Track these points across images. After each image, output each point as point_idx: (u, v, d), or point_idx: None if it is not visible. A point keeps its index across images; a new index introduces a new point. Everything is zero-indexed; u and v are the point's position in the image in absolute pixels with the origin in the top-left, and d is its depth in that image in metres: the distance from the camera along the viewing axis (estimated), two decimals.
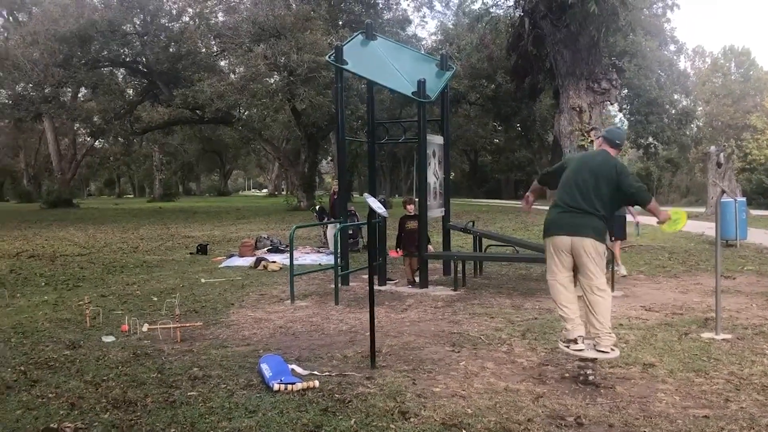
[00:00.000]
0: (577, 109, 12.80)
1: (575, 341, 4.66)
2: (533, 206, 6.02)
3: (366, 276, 9.80)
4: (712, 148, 19.37)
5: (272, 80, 28.35)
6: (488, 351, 5.55)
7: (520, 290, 8.70)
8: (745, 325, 6.34)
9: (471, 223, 10.62)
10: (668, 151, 49.87)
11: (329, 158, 57.15)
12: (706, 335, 5.90)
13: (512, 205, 33.11)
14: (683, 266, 10.96)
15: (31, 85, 30.05)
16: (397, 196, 55.52)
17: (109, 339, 6.21)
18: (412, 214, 9.58)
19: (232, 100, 27.06)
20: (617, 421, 3.87)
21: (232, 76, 29.68)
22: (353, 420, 3.91)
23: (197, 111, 30.86)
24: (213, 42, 29.61)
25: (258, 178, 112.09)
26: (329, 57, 9.16)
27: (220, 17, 31.59)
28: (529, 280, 9.65)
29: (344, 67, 8.96)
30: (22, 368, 5.24)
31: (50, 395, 4.56)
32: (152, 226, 22.47)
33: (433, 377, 4.86)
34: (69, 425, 3.97)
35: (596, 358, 4.65)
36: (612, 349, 4.64)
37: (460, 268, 9.01)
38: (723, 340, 5.71)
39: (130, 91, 35.95)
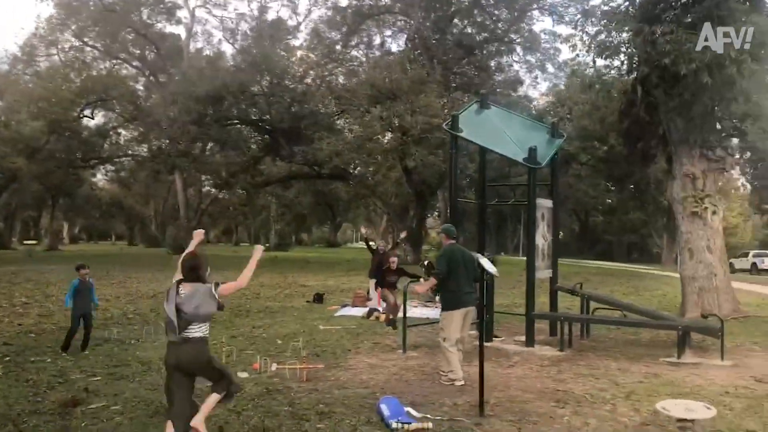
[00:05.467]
0: (691, 176, 12.67)
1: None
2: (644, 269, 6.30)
3: (474, 332, 10.21)
4: None
5: (386, 139, 29.64)
6: (591, 409, 5.83)
7: (627, 354, 8.69)
8: None
9: (579, 285, 10.80)
10: None
11: (436, 214, 58.01)
12: None
13: (624, 269, 32.22)
14: None
15: (167, 141, 32.96)
16: (503, 254, 55.03)
17: (244, 375, 6.99)
18: (394, 268, 11.35)
19: (349, 158, 28.51)
20: None
21: (349, 135, 31.27)
22: None
23: (315, 167, 32.62)
24: (333, 103, 31.41)
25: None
26: (446, 125, 9.86)
27: (341, 80, 33.55)
28: (637, 345, 9.61)
29: (460, 134, 9.60)
30: None
31: None
32: (271, 274, 23.81)
33: (537, 428, 5.23)
34: None
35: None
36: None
37: (567, 329, 9.17)
38: None
39: (254, 147, 38.53)
